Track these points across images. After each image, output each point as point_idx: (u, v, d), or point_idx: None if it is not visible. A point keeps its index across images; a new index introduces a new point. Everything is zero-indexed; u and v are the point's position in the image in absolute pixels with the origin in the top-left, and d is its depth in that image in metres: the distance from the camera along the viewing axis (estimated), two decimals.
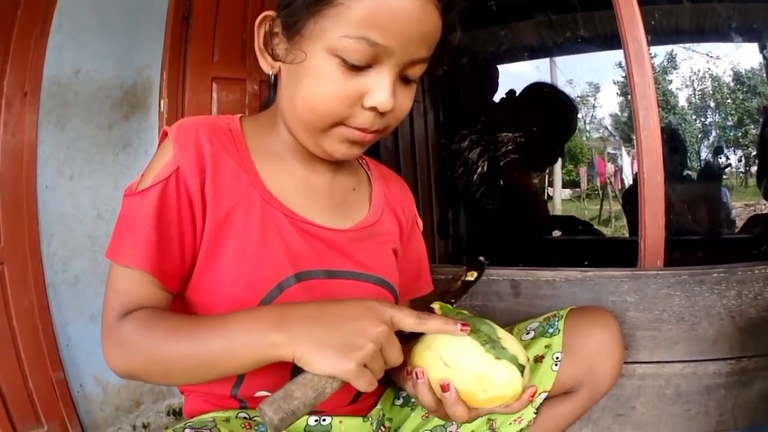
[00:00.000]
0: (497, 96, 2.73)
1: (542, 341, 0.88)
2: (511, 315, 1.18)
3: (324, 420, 0.78)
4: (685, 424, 1.17)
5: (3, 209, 1.50)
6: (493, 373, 0.65)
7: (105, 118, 1.76)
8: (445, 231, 2.71)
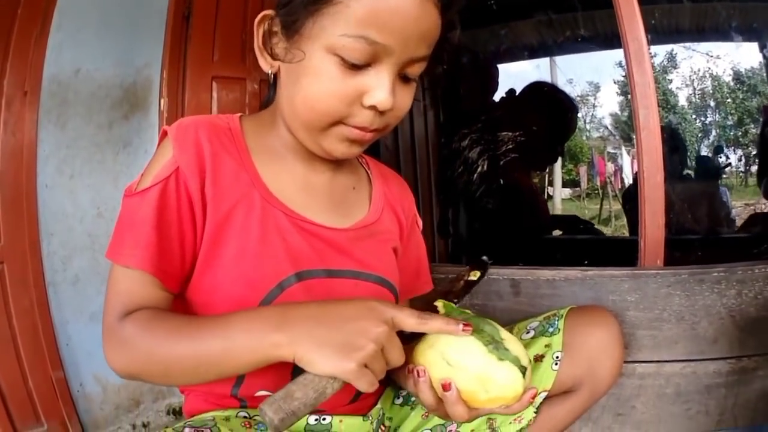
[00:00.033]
0: (497, 95, 2.73)
1: (542, 340, 0.88)
2: (511, 314, 1.18)
3: (324, 419, 0.78)
4: (685, 423, 1.17)
5: (3, 208, 1.50)
6: (495, 373, 0.65)
7: (105, 117, 1.76)
8: (445, 230, 2.71)
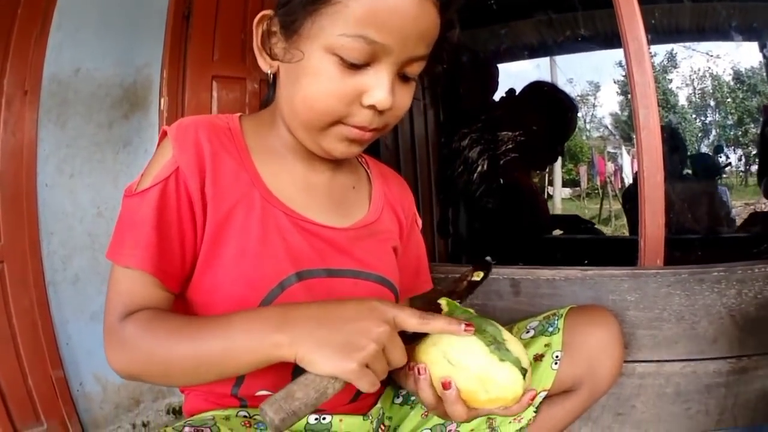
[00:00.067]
0: (497, 95, 2.73)
1: (542, 340, 0.88)
2: (511, 314, 1.18)
3: (324, 418, 0.78)
4: (684, 423, 1.17)
5: (3, 207, 1.50)
6: (495, 374, 0.65)
7: (105, 117, 1.76)
8: (445, 230, 2.71)
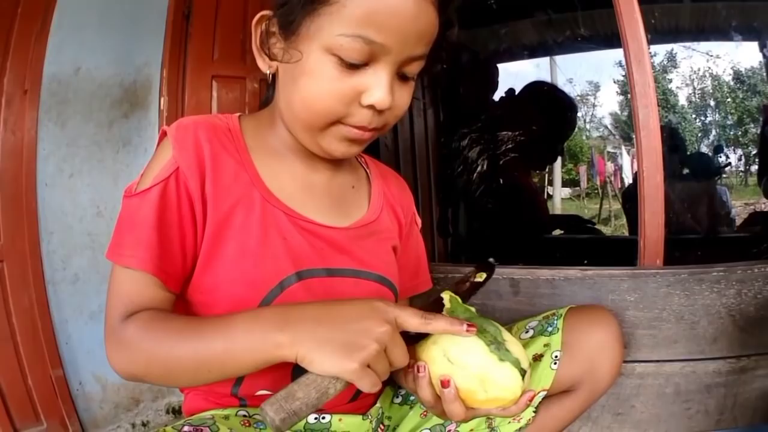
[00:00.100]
0: (497, 95, 2.73)
1: (541, 340, 0.88)
2: (511, 314, 1.18)
3: (323, 418, 0.78)
4: (684, 422, 1.17)
5: (3, 207, 1.50)
6: (495, 374, 0.65)
7: (105, 116, 1.76)
8: (444, 230, 2.71)
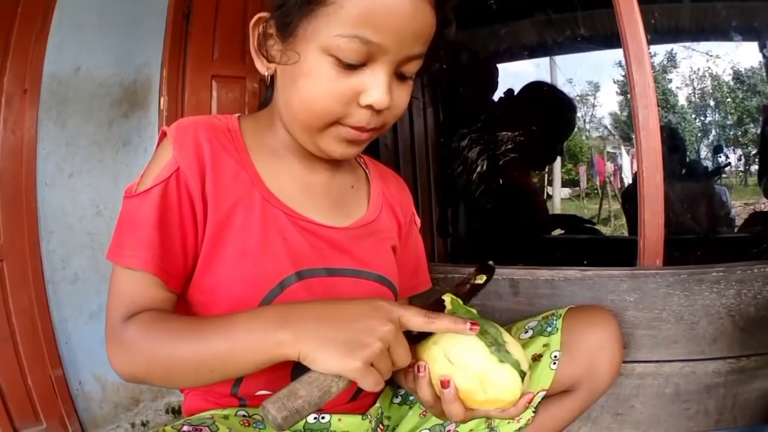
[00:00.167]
0: (497, 95, 2.73)
1: (540, 340, 0.88)
2: (510, 314, 1.18)
3: (323, 417, 0.78)
4: (684, 423, 1.17)
5: (3, 206, 1.50)
6: (494, 375, 0.65)
7: (105, 116, 1.76)
8: (444, 230, 2.71)
